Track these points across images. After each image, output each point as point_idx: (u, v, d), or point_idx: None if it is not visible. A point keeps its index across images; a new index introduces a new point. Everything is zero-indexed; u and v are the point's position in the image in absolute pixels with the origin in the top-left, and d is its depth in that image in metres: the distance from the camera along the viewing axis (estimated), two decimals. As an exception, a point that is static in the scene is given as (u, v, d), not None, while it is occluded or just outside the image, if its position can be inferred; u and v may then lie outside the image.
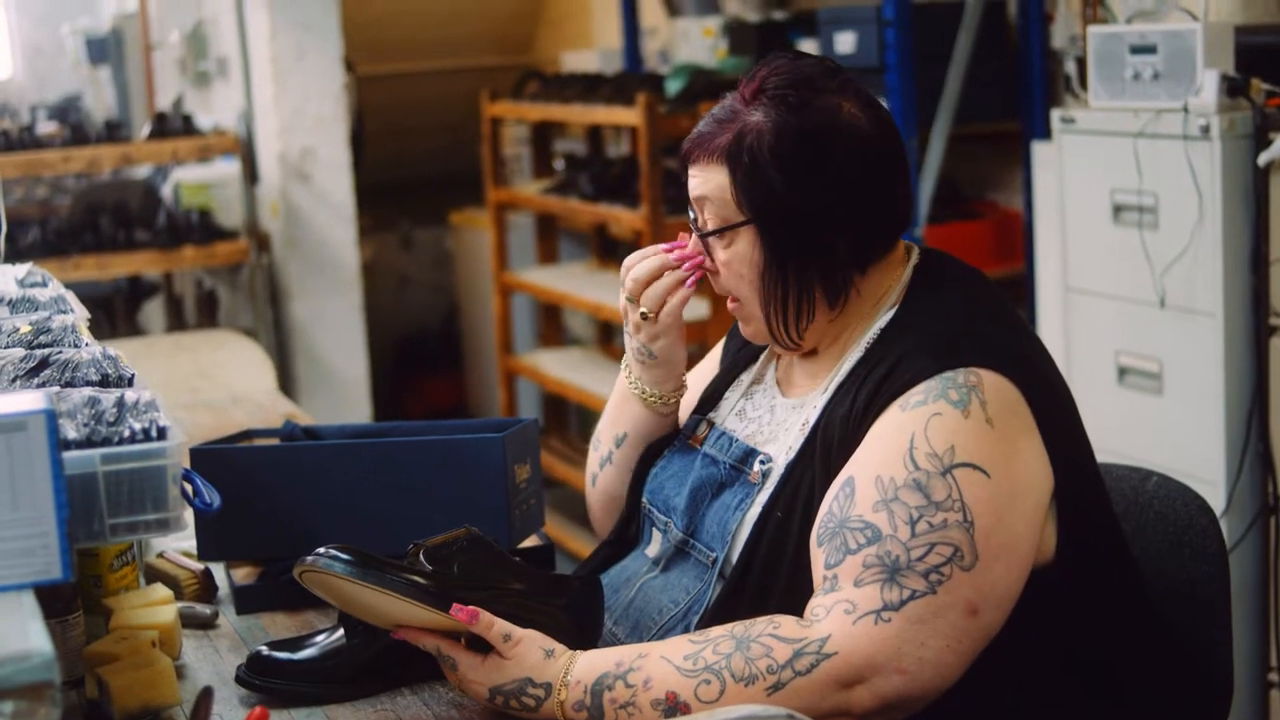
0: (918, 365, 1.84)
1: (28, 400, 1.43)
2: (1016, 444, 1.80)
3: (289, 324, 5.81)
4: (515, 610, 1.86)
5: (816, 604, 1.77)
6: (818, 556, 1.80)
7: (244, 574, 2.35)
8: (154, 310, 6.35)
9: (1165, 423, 3.58)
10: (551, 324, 6.55)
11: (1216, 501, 3.33)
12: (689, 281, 2.05)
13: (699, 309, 5.20)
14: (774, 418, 2.03)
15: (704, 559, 1.97)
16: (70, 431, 1.57)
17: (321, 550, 1.81)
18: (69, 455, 1.49)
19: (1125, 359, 3.67)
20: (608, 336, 6.51)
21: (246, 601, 2.27)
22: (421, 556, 1.86)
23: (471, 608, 1.79)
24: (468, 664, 1.82)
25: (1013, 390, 1.82)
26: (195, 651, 2.11)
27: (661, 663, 1.77)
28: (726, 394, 2.14)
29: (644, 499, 2.13)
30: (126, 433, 1.57)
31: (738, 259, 1.94)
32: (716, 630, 1.79)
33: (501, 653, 1.81)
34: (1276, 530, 3.39)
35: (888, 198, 1.95)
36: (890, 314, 1.95)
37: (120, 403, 1.66)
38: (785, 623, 1.76)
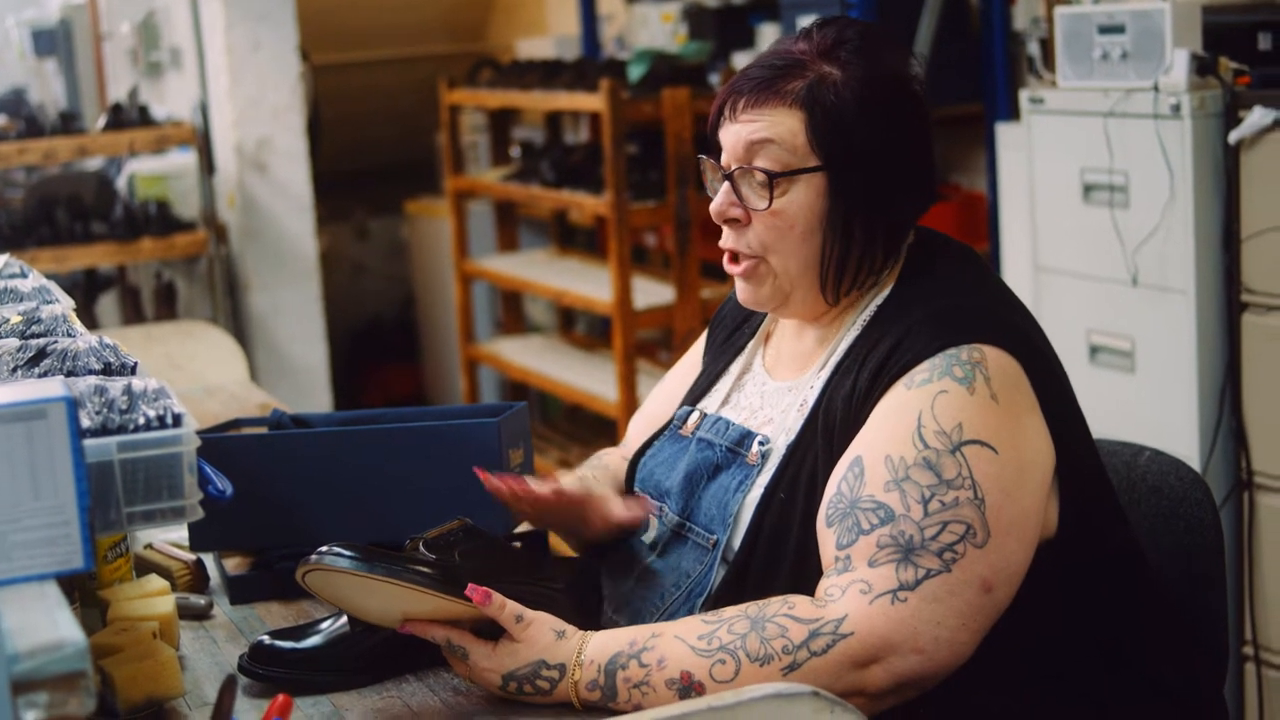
0: (921, 342, 1.84)
1: (46, 388, 1.41)
2: (1021, 419, 1.81)
3: (247, 315, 5.77)
4: (518, 594, 1.85)
5: (830, 584, 1.77)
6: (828, 537, 1.80)
7: (235, 564, 2.33)
8: (109, 303, 6.30)
9: (1138, 400, 3.60)
10: (512, 311, 6.53)
11: (1191, 478, 3.35)
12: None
13: (664, 294, 5.20)
14: (765, 401, 2.02)
15: (703, 542, 1.97)
16: (84, 420, 1.55)
17: (324, 548, 1.79)
18: (86, 444, 1.48)
19: (1097, 337, 3.69)
20: (569, 323, 6.51)
21: (241, 591, 2.25)
22: (422, 548, 1.85)
23: (484, 589, 1.78)
24: (480, 652, 1.80)
25: (1014, 365, 1.83)
26: (193, 643, 2.09)
27: (675, 642, 1.76)
28: (716, 386, 2.13)
29: (635, 488, 2.12)
30: (141, 420, 1.55)
31: (793, 207, 1.91)
32: (730, 610, 1.79)
33: (513, 635, 1.80)
34: (1250, 505, 3.41)
35: (934, 159, 1.99)
36: (886, 291, 1.95)
37: (129, 390, 1.64)
38: (800, 603, 1.76)
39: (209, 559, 2.34)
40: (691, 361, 2.26)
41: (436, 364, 7.49)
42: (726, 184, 1.96)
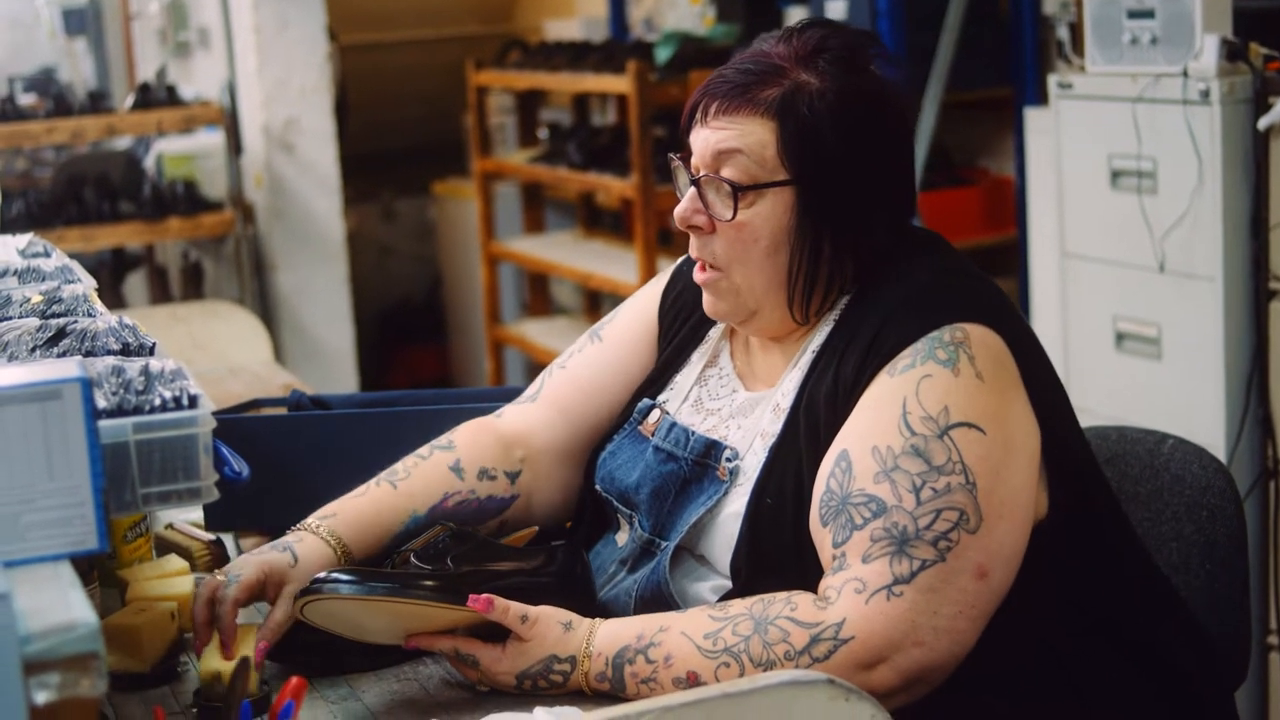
0: (902, 328, 1.79)
1: (61, 368, 1.41)
2: (1007, 396, 1.78)
3: (274, 295, 5.78)
4: (517, 588, 1.85)
5: (828, 584, 1.74)
6: (824, 536, 1.77)
7: (252, 544, 2.33)
8: (137, 282, 6.31)
9: (1164, 388, 3.58)
10: (538, 293, 6.53)
11: (1217, 466, 3.33)
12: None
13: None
14: (735, 409, 1.96)
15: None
16: (100, 401, 1.55)
17: (320, 576, 1.78)
18: (101, 424, 1.47)
19: (1124, 324, 3.66)
20: (595, 305, 6.50)
21: (258, 572, 2.25)
22: (414, 560, 1.84)
23: (486, 595, 1.77)
24: (490, 657, 1.79)
25: (998, 342, 1.79)
26: (212, 623, 2.09)
27: (682, 640, 1.74)
28: (677, 378, 2.05)
29: (597, 486, 2.05)
30: (157, 401, 1.55)
31: (759, 220, 1.85)
32: (736, 606, 1.76)
33: (521, 635, 1.78)
34: (1276, 494, 3.39)
35: (912, 174, 1.94)
36: (854, 288, 1.90)
37: (146, 371, 1.64)
38: (802, 603, 1.73)
39: (228, 539, 2.34)
40: (640, 335, 2.13)
41: (463, 346, 7.49)
42: (693, 189, 1.89)
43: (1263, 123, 3.32)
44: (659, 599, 1.90)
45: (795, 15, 5.31)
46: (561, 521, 2.15)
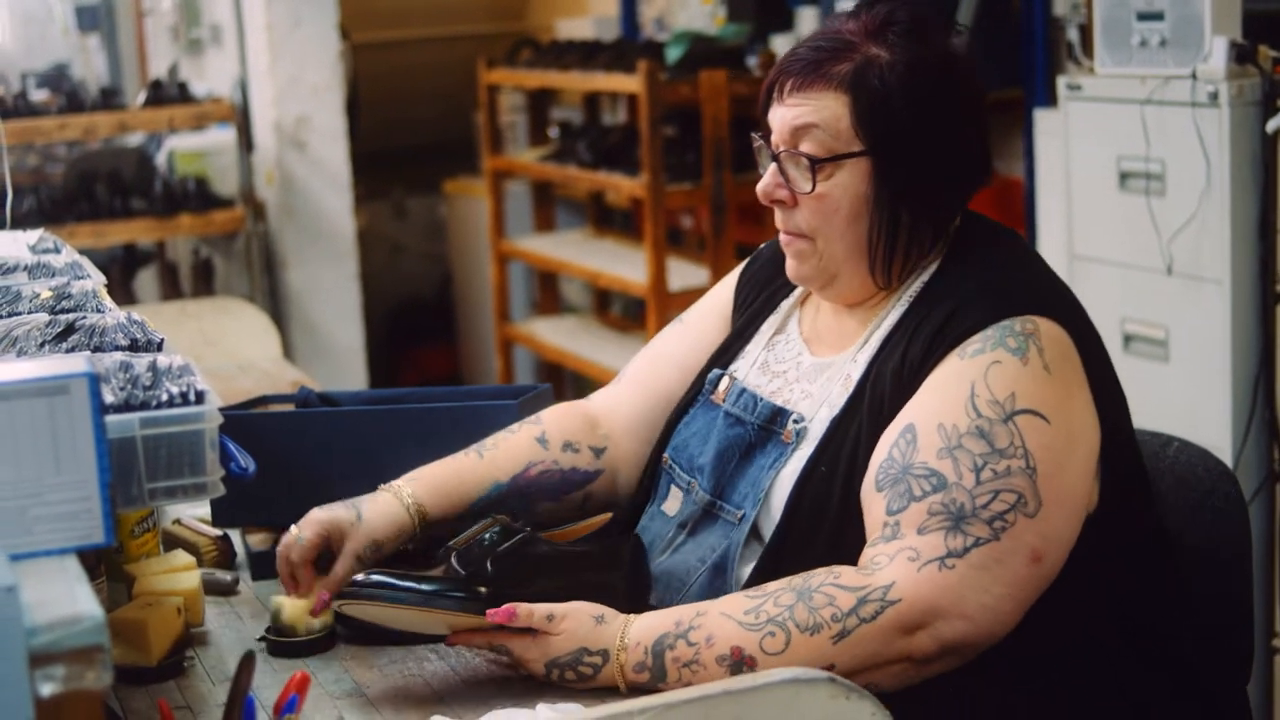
0: (975, 314, 1.84)
1: (68, 363, 1.42)
2: (1071, 390, 1.82)
3: (284, 292, 5.80)
4: (560, 590, 1.86)
5: (877, 552, 1.78)
6: (876, 501, 1.80)
7: (259, 539, 2.34)
8: (148, 279, 6.33)
9: (1171, 390, 3.58)
10: (548, 292, 6.54)
11: (1223, 468, 3.33)
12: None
13: (699, 277, 5.20)
14: (801, 373, 2.01)
15: (731, 518, 1.97)
16: (107, 396, 1.56)
17: (359, 579, 1.83)
18: (107, 419, 1.49)
19: (1131, 326, 3.67)
20: (604, 304, 6.51)
21: (263, 567, 2.26)
22: (454, 561, 1.85)
23: (506, 608, 1.80)
24: (521, 646, 1.81)
25: (1066, 338, 1.84)
26: (218, 618, 2.10)
27: (722, 619, 1.77)
28: (747, 346, 2.11)
29: (667, 454, 2.10)
30: (164, 396, 1.56)
31: (838, 190, 1.90)
32: (774, 584, 1.79)
33: (549, 631, 1.81)
34: (1283, 497, 3.40)
35: (985, 141, 1.98)
36: (933, 268, 1.95)
37: (154, 367, 1.65)
38: (845, 572, 1.77)
39: (235, 534, 2.35)
40: (717, 313, 2.23)
41: (473, 344, 7.50)
42: (774, 165, 1.96)
43: (1271, 125, 3.32)
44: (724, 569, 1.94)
45: (806, 16, 5.32)
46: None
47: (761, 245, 2.23)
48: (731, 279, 2.24)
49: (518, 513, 2.01)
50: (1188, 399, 3.54)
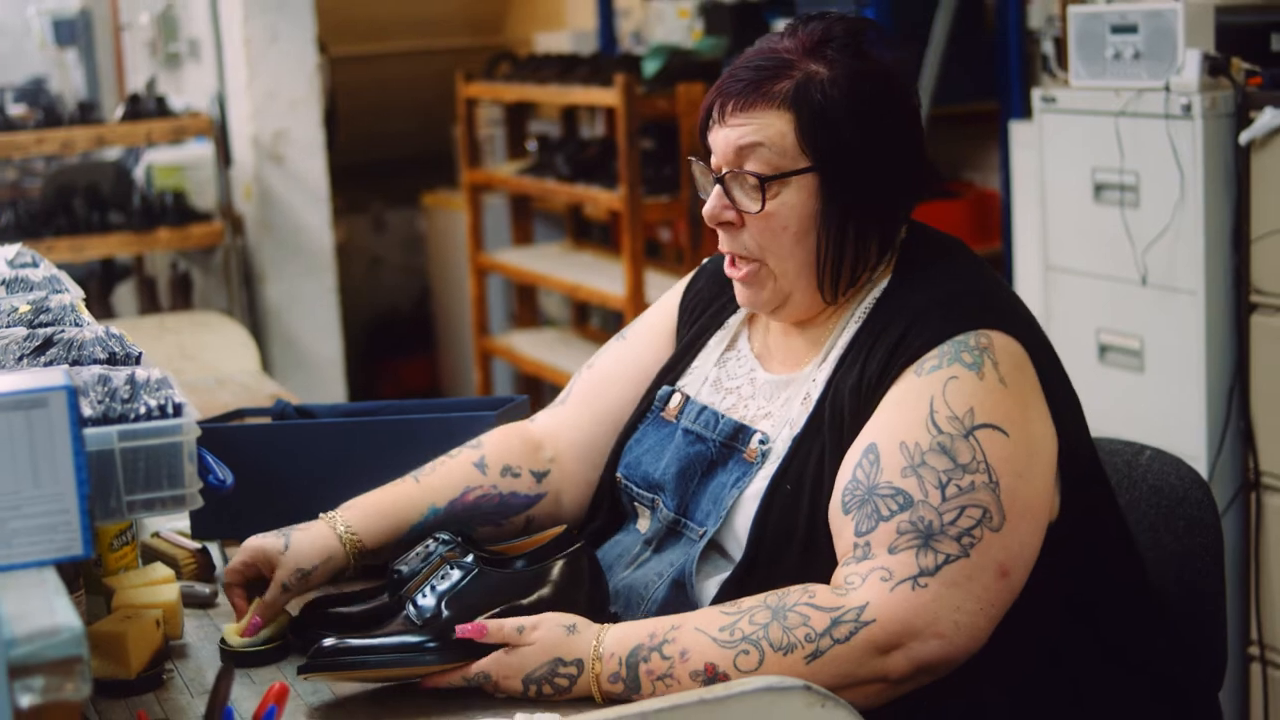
0: (928, 330, 1.85)
1: (47, 377, 1.43)
2: (1027, 402, 1.83)
3: (263, 306, 5.79)
4: (523, 612, 1.86)
5: (849, 572, 1.78)
6: (845, 524, 1.81)
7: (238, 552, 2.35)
8: (126, 293, 6.32)
9: (1146, 400, 3.60)
10: (526, 305, 6.55)
11: (1198, 478, 3.35)
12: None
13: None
14: (756, 390, 2.01)
15: (693, 535, 1.97)
16: (85, 409, 1.57)
17: (325, 645, 1.80)
18: (86, 432, 1.49)
19: (1106, 336, 3.69)
20: (583, 317, 6.52)
21: (244, 580, 2.26)
22: (410, 612, 1.85)
23: (476, 624, 1.80)
24: (496, 666, 1.80)
25: (1019, 349, 1.85)
26: (197, 631, 2.10)
27: (697, 634, 1.77)
28: (695, 362, 2.11)
29: (619, 473, 2.10)
30: (142, 409, 1.57)
31: (785, 209, 1.91)
32: (749, 601, 1.79)
33: (521, 643, 1.80)
34: (1257, 506, 3.41)
35: (925, 151, 1.99)
36: (884, 284, 1.96)
37: (132, 380, 1.65)
38: (820, 591, 1.77)
39: (214, 547, 2.36)
40: (660, 329, 2.20)
41: (451, 357, 7.51)
42: (718, 187, 1.95)
43: (1244, 137, 3.34)
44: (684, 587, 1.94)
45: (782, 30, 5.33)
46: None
47: (705, 260, 2.22)
48: (674, 295, 2.22)
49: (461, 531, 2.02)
50: (1163, 409, 3.56)
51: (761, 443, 1.94)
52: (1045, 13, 4.53)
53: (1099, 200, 3.67)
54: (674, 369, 2.12)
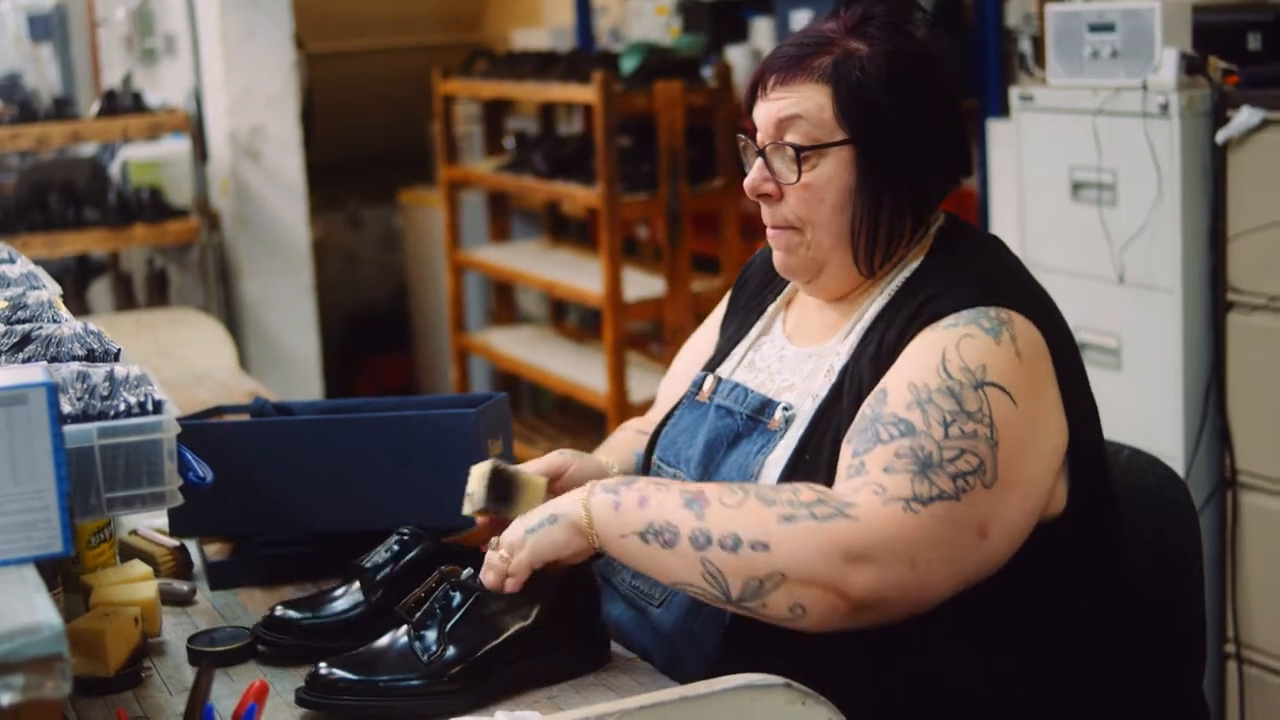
0: (951, 300, 1.88)
1: (26, 374, 1.42)
2: (1039, 385, 1.85)
3: (240, 303, 5.78)
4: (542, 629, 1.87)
5: (842, 488, 1.80)
6: (845, 451, 1.84)
7: (216, 549, 2.34)
8: (102, 290, 6.30)
9: (1123, 398, 3.61)
10: (504, 302, 6.54)
11: (1175, 476, 3.36)
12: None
13: (655, 287, 5.22)
14: (784, 366, 2.05)
15: None
16: (65, 406, 1.56)
17: (317, 681, 1.80)
18: (66, 429, 1.49)
19: (1084, 335, 3.69)
20: (560, 314, 6.52)
21: (221, 577, 2.26)
22: (418, 650, 1.83)
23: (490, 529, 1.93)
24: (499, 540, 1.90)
25: (1040, 339, 1.87)
26: (175, 628, 2.10)
27: (686, 487, 1.84)
28: (734, 350, 2.16)
29: (655, 456, 2.15)
30: (121, 406, 1.57)
31: (822, 180, 1.95)
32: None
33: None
34: (1234, 504, 3.43)
35: (963, 132, 2.03)
36: (915, 265, 1.99)
37: (111, 377, 1.65)
38: (815, 487, 1.81)
39: (192, 545, 2.35)
40: (714, 324, 2.30)
41: (428, 354, 7.50)
42: (759, 160, 2.01)
43: (1221, 136, 3.35)
44: None
45: (761, 27, 5.34)
46: None
47: (756, 252, 2.30)
48: (727, 297, 2.31)
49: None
50: (1140, 407, 3.57)
51: (785, 410, 1.97)
52: (1023, 11, 4.54)
53: (1076, 199, 3.68)
54: (716, 357, 2.19)
